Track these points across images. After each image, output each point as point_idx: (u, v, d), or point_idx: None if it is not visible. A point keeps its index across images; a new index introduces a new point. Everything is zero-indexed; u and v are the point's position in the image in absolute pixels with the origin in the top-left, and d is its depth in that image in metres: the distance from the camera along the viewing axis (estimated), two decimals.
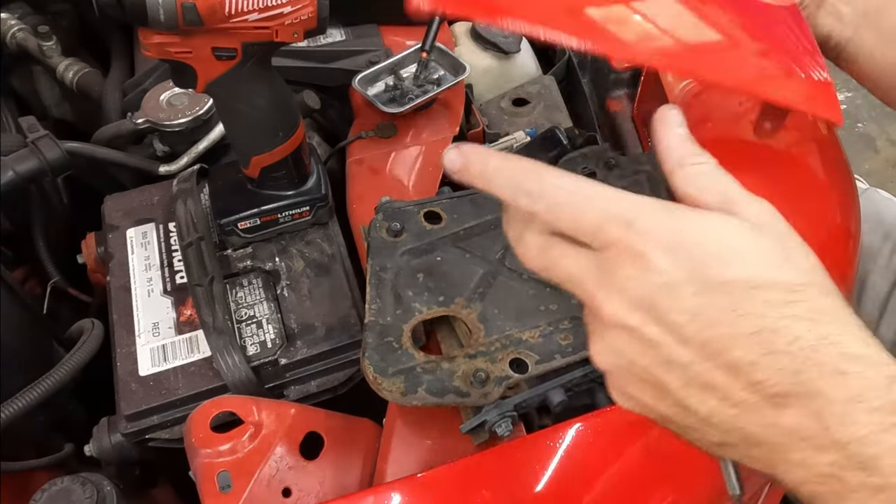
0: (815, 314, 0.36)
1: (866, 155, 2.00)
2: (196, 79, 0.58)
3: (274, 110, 0.63)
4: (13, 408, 0.59)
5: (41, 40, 0.91)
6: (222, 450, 0.54)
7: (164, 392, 0.61)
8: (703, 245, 0.36)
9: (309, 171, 0.70)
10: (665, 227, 0.37)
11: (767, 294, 0.36)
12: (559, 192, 0.38)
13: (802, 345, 0.35)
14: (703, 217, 0.38)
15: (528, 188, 0.38)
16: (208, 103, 0.77)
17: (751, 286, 0.36)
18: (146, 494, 0.72)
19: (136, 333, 0.65)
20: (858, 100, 2.07)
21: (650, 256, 0.36)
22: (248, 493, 0.52)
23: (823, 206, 0.76)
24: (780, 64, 0.57)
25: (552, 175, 0.38)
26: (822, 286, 0.37)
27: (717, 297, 0.35)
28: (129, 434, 0.61)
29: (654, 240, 0.36)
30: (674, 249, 0.36)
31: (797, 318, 0.35)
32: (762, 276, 0.36)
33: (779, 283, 0.36)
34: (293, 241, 0.71)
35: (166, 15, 0.51)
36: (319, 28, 0.57)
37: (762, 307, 0.35)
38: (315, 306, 0.66)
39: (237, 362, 0.60)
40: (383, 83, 0.79)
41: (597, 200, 0.37)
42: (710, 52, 0.54)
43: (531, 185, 0.38)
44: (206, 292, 0.64)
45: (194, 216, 0.70)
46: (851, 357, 0.35)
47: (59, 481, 0.57)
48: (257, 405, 0.56)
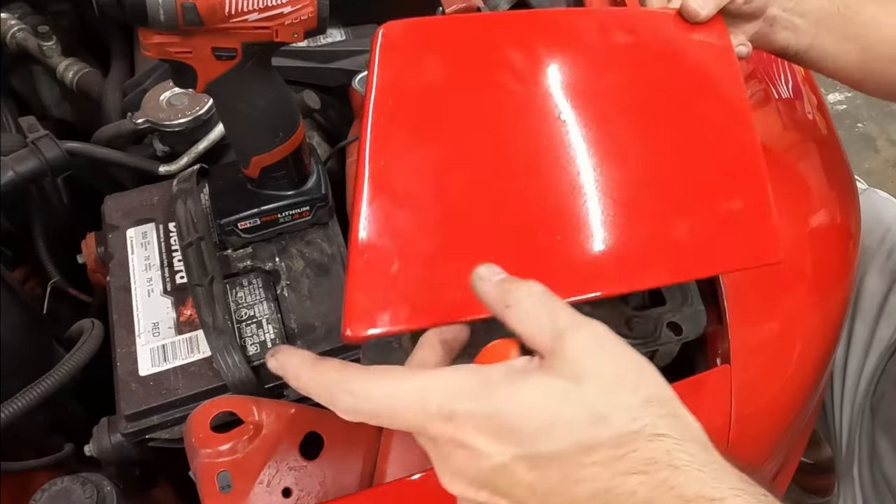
0: (647, 465, 0.36)
1: (866, 155, 2.00)
2: (196, 79, 0.58)
3: (274, 110, 0.63)
4: (13, 408, 0.59)
5: (41, 40, 0.91)
6: (222, 450, 0.54)
7: (164, 392, 0.61)
8: (526, 420, 0.37)
9: (309, 171, 0.70)
10: (484, 411, 0.37)
11: (596, 455, 0.36)
12: (372, 402, 0.38)
13: (639, 499, 0.36)
14: (521, 389, 0.37)
15: (344, 400, 0.39)
16: (208, 103, 0.77)
17: (579, 451, 0.36)
18: (146, 494, 0.72)
19: (136, 333, 0.65)
20: (858, 100, 2.07)
21: (477, 445, 0.37)
22: (248, 493, 0.52)
23: (823, 206, 0.76)
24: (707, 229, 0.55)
25: (362, 383, 0.39)
26: (652, 427, 0.37)
27: (550, 470, 0.36)
28: (129, 434, 0.61)
29: (475, 427, 0.37)
30: (497, 433, 0.36)
31: (630, 473, 0.36)
32: (588, 439, 0.36)
33: (606, 440, 0.36)
34: (293, 241, 0.71)
35: (166, 15, 0.51)
36: (319, 28, 0.57)
37: (593, 470, 0.36)
38: (315, 306, 0.66)
39: (237, 362, 0.60)
40: None
41: (412, 400, 0.38)
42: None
43: (345, 397, 0.39)
44: (206, 292, 0.64)
45: (194, 216, 0.70)
46: (688, 501, 0.35)
47: (59, 481, 0.57)
48: (257, 405, 0.56)
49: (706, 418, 0.62)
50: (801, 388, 0.70)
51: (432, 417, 0.37)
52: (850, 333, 0.92)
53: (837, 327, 0.75)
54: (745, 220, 0.56)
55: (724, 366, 0.63)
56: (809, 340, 0.70)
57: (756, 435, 0.67)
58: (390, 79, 0.50)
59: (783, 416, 0.70)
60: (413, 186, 0.48)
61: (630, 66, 0.58)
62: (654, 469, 0.36)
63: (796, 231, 0.73)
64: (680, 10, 0.61)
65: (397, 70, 0.50)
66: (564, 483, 0.36)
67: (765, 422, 0.68)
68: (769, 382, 0.67)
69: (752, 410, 0.65)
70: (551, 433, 0.36)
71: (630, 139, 0.54)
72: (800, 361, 0.69)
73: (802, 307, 0.70)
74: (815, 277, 0.71)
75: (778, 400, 0.68)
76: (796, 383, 0.70)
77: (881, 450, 0.84)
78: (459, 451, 0.37)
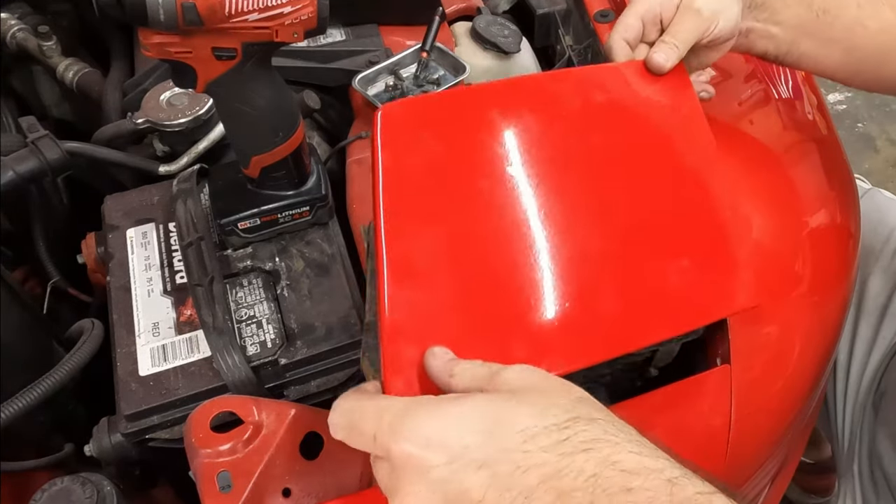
0: (589, 442, 0.39)
1: (866, 155, 2.00)
2: (196, 79, 0.58)
3: (274, 110, 0.63)
4: (13, 408, 0.59)
5: (41, 40, 0.91)
6: (222, 450, 0.54)
7: (164, 392, 0.61)
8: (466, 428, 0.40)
9: (309, 171, 0.70)
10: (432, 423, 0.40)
11: (541, 441, 0.39)
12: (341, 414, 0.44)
13: (587, 476, 0.38)
14: (465, 402, 0.41)
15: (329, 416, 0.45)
16: (208, 103, 0.77)
17: (524, 440, 0.39)
18: (146, 494, 0.72)
19: (136, 333, 0.65)
20: (858, 100, 2.07)
21: (424, 454, 0.39)
22: (248, 493, 0.52)
23: (823, 206, 0.76)
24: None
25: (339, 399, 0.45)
26: (587, 414, 0.41)
27: (500, 465, 0.39)
28: (129, 434, 0.61)
29: (424, 437, 0.40)
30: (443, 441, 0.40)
31: (575, 452, 0.39)
32: (531, 428, 0.39)
33: (547, 427, 0.39)
34: (293, 241, 0.71)
35: (166, 15, 0.51)
36: (319, 28, 0.57)
37: (541, 456, 0.39)
38: (315, 306, 0.66)
39: (237, 362, 0.60)
40: (383, 83, 0.79)
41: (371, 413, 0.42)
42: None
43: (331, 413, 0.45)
44: (206, 292, 0.64)
45: (194, 216, 0.70)
46: (631, 473, 0.38)
47: (59, 481, 0.57)
48: (257, 405, 0.56)
49: (706, 418, 0.63)
50: (800, 388, 0.70)
51: (384, 431, 0.41)
52: (854, 333, 0.92)
53: (837, 327, 0.75)
54: (720, 269, 0.59)
55: (724, 366, 0.63)
56: (809, 340, 0.70)
57: (756, 435, 0.67)
58: (394, 160, 0.52)
59: (783, 416, 0.70)
60: (429, 266, 0.51)
61: (606, 124, 0.61)
62: (597, 446, 0.39)
63: (796, 231, 0.73)
64: (646, 64, 0.64)
65: (399, 151, 0.53)
66: (516, 474, 0.38)
67: (765, 422, 0.68)
68: (769, 382, 0.67)
69: (752, 410, 0.65)
70: (492, 435, 0.39)
71: (612, 201, 0.58)
72: (799, 361, 0.69)
73: (802, 307, 0.70)
74: (814, 277, 0.71)
75: (778, 400, 0.68)
76: (796, 383, 0.70)
77: (882, 448, 0.84)
78: (411, 463, 0.40)
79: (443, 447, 0.39)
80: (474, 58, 0.88)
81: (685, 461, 0.41)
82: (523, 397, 0.42)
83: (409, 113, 0.54)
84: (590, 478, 0.38)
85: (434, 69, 0.80)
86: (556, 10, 0.94)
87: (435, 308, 0.50)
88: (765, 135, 0.77)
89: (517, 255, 0.53)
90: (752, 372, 0.65)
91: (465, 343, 0.49)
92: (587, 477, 0.38)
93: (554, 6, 0.94)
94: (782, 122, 0.80)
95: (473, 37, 0.90)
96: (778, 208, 0.73)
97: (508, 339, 0.51)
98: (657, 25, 0.66)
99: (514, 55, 0.89)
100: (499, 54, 0.89)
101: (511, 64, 0.90)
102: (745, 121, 0.77)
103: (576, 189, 0.57)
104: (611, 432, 0.40)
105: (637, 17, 0.66)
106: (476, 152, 0.56)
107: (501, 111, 0.57)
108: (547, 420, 0.40)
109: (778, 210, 0.73)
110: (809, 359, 0.70)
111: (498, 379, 0.43)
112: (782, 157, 0.77)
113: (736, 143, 0.75)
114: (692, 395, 0.62)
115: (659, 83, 0.64)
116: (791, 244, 0.72)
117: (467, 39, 0.90)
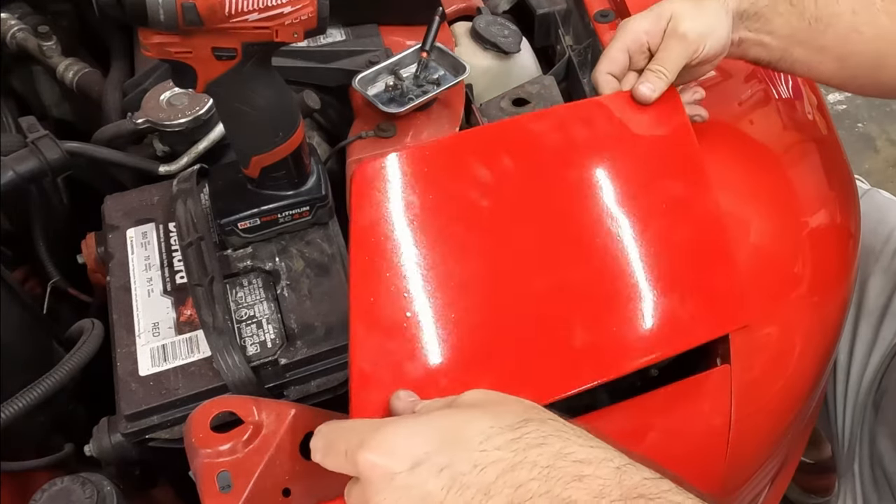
0: (541, 438, 0.42)
1: (866, 155, 2.00)
2: (196, 79, 0.58)
3: (274, 110, 0.63)
4: (13, 408, 0.59)
5: (41, 40, 0.91)
6: (222, 450, 0.54)
7: (164, 392, 0.61)
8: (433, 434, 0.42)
9: (309, 171, 0.70)
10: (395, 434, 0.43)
11: (496, 441, 0.41)
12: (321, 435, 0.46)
13: (541, 467, 0.40)
14: (428, 416, 0.45)
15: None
16: (208, 103, 0.77)
17: (480, 442, 0.41)
18: (146, 494, 0.72)
19: (136, 333, 0.65)
20: (858, 100, 2.07)
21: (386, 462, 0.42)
22: (248, 493, 0.52)
23: (823, 206, 0.76)
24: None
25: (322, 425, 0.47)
26: (540, 417, 0.44)
27: (458, 465, 0.41)
28: (129, 434, 0.61)
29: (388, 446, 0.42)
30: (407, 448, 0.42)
31: (529, 448, 0.41)
32: (487, 430, 0.42)
33: (501, 429, 0.42)
34: (293, 241, 0.71)
35: (166, 15, 0.51)
36: (319, 28, 0.57)
37: (496, 454, 0.41)
38: (315, 306, 0.66)
39: (237, 362, 0.60)
40: (383, 83, 0.79)
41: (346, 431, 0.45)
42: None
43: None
44: (206, 292, 0.64)
45: (194, 216, 0.69)
46: (583, 462, 0.41)
47: (59, 481, 0.57)
48: (257, 405, 0.56)
49: (706, 418, 0.63)
50: (800, 388, 0.70)
51: (353, 446, 0.43)
52: (855, 334, 0.92)
53: (837, 327, 0.75)
54: (712, 292, 0.61)
55: (724, 366, 0.63)
56: (809, 340, 0.70)
57: (756, 435, 0.67)
58: (368, 217, 0.55)
59: (783, 416, 0.70)
60: (402, 316, 0.54)
61: (593, 158, 0.63)
62: (549, 441, 0.42)
63: (796, 231, 0.73)
64: (632, 96, 0.65)
65: (373, 207, 0.56)
66: (473, 473, 0.40)
67: (765, 422, 0.68)
68: (769, 382, 0.67)
69: (752, 410, 0.65)
70: (452, 441, 0.42)
71: (603, 233, 0.60)
72: (799, 362, 0.69)
73: (802, 307, 0.70)
74: (814, 278, 0.71)
75: (778, 400, 0.68)
76: (796, 383, 0.70)
77: (882, 447, 0.84)
78: (375, 472, 0.42)
79: (406, 455, 0.41)
80: (474, 58, 0.88)
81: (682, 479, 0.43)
82: (480, 408, 0.45)
83: (383, 170, 0.57)
84: (544, 469, 0.40)
85: (434, 69, 0.80)
86: (556, 10, 0.94)
87: (401, 355, 0.53)
88: (765, 135, 0.77)
89: (485, 300, 0.56)
90: (752, 372, 0.65)
91: (431, 386, 0.52)
92: (541, 468, 0.40)
93: (554, 6, 0.94)
94: (782, 122, 0.80)
95: (473, 37, 0.90)
96: (778, 208, 0.73)
97: (474, 380, 0.53)
98: (645, 54, 0.68)
99: (514, 55, 0.89)
100: (499, 54, 0.89)
101: (511, 64, 0.90)
102: (745, 121, 0.77)
103: (551, 229, 0.59)
104: (562, 430, 0.43)
105: (622, 49, 0.67)
106: (449, 204, 0.58)
107: (480, 156, 0.60)
108: (502, 423, 0.42)
109: (778, 210, 0.73)
110: (809, 359, 0.70)
111: (457, 401, 0.47)
112: (782, 158, 0.77)
113: (736, 144, 0.75)
114: (692, 396, 0.63)
115: (648, 110, 0.65)
116: (791, 244, 0.72)
117: (467, 39, 0.90)
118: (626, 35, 0.67)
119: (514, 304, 0.57)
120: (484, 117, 0.83)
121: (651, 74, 0.65)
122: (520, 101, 0.85)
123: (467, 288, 0.56)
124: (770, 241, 0.71)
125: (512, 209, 0.59)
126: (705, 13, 0.66)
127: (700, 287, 0.60)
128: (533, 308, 0.57)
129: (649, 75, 0.65)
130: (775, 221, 0.72)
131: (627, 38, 0.67)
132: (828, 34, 0.67)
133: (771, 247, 0.71)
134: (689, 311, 0.59)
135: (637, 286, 0.59)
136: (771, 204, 0.73)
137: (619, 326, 0.57)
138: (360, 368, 0.52)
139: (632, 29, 0.67)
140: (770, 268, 0.70)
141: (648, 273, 0.59)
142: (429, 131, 0.78)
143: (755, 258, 0.69)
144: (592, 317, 0.57)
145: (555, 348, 0.56)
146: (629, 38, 0.67)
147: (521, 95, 0.85)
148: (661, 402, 0.61)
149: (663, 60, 0.66)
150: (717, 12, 0.66)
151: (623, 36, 0.67)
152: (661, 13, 0.67)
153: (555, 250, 0.59)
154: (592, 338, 0.57)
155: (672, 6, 0.67)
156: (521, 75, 0.90)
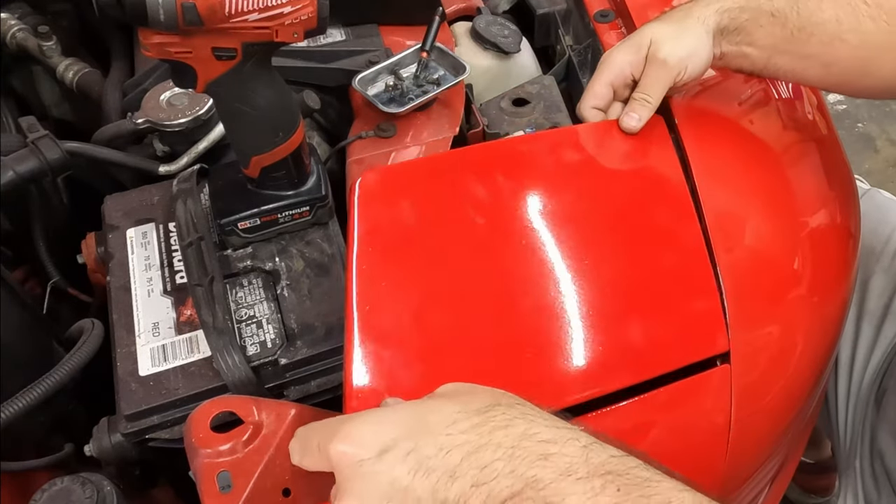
0: (507, 421, 0.42)
1: (866, 155, 2.00)
2: (196, 79, 0.58)
3: (274, 110, 0.63)
4: (13, 408, 0.59)
5: (41, 40, 0.91)
6: (222, 450, 0.54)
7: (164, 392, 0.61)
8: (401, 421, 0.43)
9: (309, 171, 0.70)
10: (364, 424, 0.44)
11: (462, 425, 0.42)
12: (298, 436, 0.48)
13: (506, 448, 0.41)
14: (398, 406, 0.46)
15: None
16: (208, 103, 0.77)
17: (446, 426, 0.42)
18: (146, 494, 0.72)
19: (136, 333, 0.65)
20: (858, 100, 2.06)
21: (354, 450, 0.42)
22: (248, 493, 0.52)
23: (823, 206, 0.76)
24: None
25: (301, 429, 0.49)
26: (508, 402, 0.44)
27: (424, 449, 0.41)
28: (129, 434, 0.61)
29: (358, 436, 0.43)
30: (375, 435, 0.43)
31: (494, 430, 0.42)
32: (453, 415, 0.43)
33: (468, 413, 0.43)
34: (293, 241, 0.71)
35: (166, 15, 0.51)
36: (319, 28, 0.57)
37: (461, 437, 0.42)
38: (315, 306, 0.66)
39: (237, 362, 0.60)
40: (383, 83, 0.79)
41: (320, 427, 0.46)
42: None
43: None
44: (206, 292, 0.64)
45: (194, 216, 0.69)
46: (549, 441, 0.41)
47: (59, 481, 0.57)
48: (257, 405, 0.56)
49: (706, 418, 0.63)
50: (800, 388, 0.70)
51: (326, 438, 0.44)
52: (857, 333, 0.92)
53: (838, 327, 0.75)
54: (695, 316, 0.62)
55: (724, 366, 0.63)
56: (809, 340, 0.70)
57: (756, 435, 0.67)
58: (369, 227, 0.56)
59: (783, 415, 0.70)
60: (398, 326, 0.55)
61: (581, 183, 0.64)
62: (514, 424, 0.42)
63: (796, 231, 0.73)
64: (619, 126, 0.67)
65: (375, 217, 0.57)
66: (439, 456, 0.41)
67: (765, 422, 0.68)
68: (769, 382, 0.67)
69: (752, 410, 0.64)
70: (419, 427, 0.43)
71: (588, 255, 0.61)
72: (800, 361, 0.69)
73: (802, 307, 0.70)
74: (814, 277, 0.71)
75: (778, 400, 0.68)
76: (796, 383, 0.69)
77: (883, 444, 0.84)
78: (345, 461, 0.43)
79: (374, 443, 0.42)
80: (474, 58, 0.88)
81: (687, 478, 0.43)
82: (449, 397, 0.45)
83: (385, 181, 0.58)
84: (508, 449, 0.41)
85: (434, 69, 0.80)
86: (556, 10, 0.94)
87: (395, 364, 0.54)
88: (765, 135, 0.77)
89: (477, 313, 0.57)
90: (753, 372, 0.65)
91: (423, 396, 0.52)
92: (506, 448, 0.41)
93: (554, 6, 0.94)
94: (782, 122, 0.80)
95: (473, 37, 0.90)
96: (778, 208, 0.73)
97: None
98: (629, 86, 0.69)
99: (513, 55, 0.89)
100: (499, 54, 0.89)
101: (511, 64, 0.90)
102: (745, 121, 0.77)
103: (551, 248, 0.61)
104: (528, 413, 0.43)
105: (605, 84, 0.69)
106: (449, 217, 0.59)
107: (476, 174, 0.61)
108: (469, 408, 0.43)
109: (778, 210, 0.73)
110: (810, 359, 0.70)
111: (430, 395, 0.47)
112: (782, 157, 0.77)
113: (736, 143, 0.75)
114: (692, 395, 0.62)
115: (632, 138, 0.67)
116: (791, 244, 0.71)
117: (467, 39, 0.90)
118: (610, 70, 0.69)
119: (504, 320, 0.57)
120: (484, 117, 0.83)
121: (636, 103, 0.67)
122: (520, 101, 0.85)
123: (461, 301, 0.57)
124: (770, 240, 0.71)
125: (504, 227, 0.60)
126: (685, 35, 0.67)
127: (681, 312, 0.62)
128: (522, 324, 0.58)
129: (634, 105, 0.67)
130: (775, 221, 0.72)
131: (611, 74, 0.69)
132: (812, 43, 0.66)
133: (771, 247, 0.71)
134: (669, 336, 0.60)
135: (619, 309, 0.60)
136: (771, 204, 0.73)
137: (600, 347, 0.58)
138: (354, 377, 0.53)
139: (614, 63, 0.69)
140: (770, 268, 0.69)
141: (631, 297, 0.61)
142: (429, 131, 0.78)
143: (755, 258, 0.69)
144: (576, 336, 0.59)
145: (542, 364, 0.57)
146: (613, 72, 0.68)
147: (521, 95, 0.85)
148: (661, 402, 0.61)
149: (646, 87, 0.67)
150: (696, 32, 0.66)
151: (606, 71, 0.69)
152: (640, 42, 0.68)
153: (541, 270, 0.60)
154: (574, 357, 0.58)
155: (651, 31, 0.68)
156: (521, 75, 0.90)
